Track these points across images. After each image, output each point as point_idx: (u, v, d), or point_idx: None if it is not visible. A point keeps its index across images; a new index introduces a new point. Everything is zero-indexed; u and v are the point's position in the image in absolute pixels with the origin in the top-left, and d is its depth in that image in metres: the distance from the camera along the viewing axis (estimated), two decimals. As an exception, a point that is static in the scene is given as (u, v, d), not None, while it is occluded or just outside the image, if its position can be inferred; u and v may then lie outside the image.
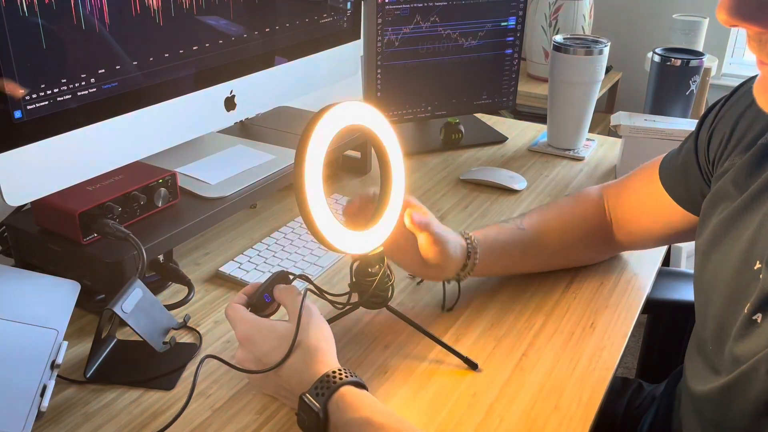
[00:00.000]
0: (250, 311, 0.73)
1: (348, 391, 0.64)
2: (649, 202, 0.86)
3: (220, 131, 1.14)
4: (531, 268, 0.92)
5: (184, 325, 0.81)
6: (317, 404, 0.62)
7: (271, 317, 0.75)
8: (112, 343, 0.78)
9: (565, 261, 0.93)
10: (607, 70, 2.47)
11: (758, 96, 0.50)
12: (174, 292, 0.90)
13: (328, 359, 0.67)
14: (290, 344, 0.67)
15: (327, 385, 0.64)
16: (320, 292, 0.78)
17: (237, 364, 0.70)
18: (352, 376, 0.65)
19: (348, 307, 0.80)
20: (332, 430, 0.63)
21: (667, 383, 0.91)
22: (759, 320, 0.58)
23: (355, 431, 0.62)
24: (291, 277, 0.77)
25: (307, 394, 0.64)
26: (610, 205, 0.91)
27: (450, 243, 0.80)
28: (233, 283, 0.92)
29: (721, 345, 0.63)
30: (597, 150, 1.40)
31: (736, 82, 0.75)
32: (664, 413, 0.86)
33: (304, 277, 0.77)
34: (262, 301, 0.74)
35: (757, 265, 0.60)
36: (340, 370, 0.65)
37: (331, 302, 0.79)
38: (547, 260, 0.92)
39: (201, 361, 0.69)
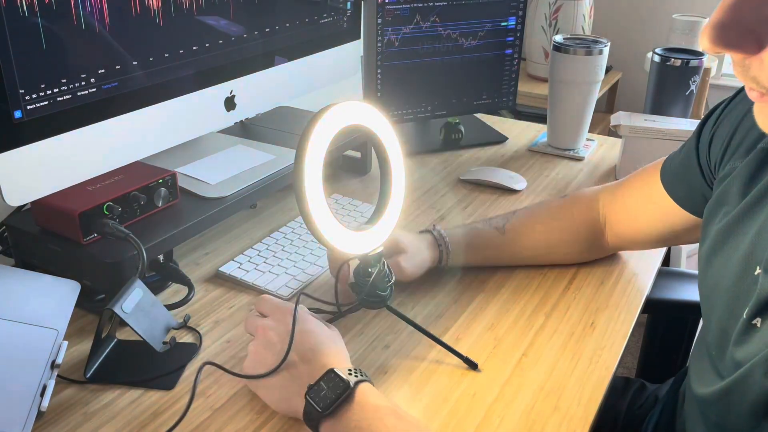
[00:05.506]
0: None
1: (372, 386, 0.66)
2: (648, 203, 0.86)
3: (220, 131, 1.14)
4: (508, 263, 0.95)
5: (184, 325, 0.81)
6: (349, 378, 0.64)
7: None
8: (112, 343, 0.78)
9: (547, 259, 0.96)
10: (607, 70, 2.47)
11: (758, 120, 0.50)
12: (174, 292, 0.90)
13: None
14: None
15: (362, 372, 0.66)
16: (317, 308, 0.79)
17: (251, 355, 0.71)
18: None
19: (348, 307, 0.80)
20: (347, 409, 0.63)
21: (672, 384, 0.91)
22: (758, 324, 0.58)
23: (378, 416, 0.62)
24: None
25: (340, 369, 0.65)
26: (604, 206, 0.92)
27: (410, 254, 0.86)
28: (233, 283, 0.92)
29: (724, 350, 0.63)
30: (597, 150, 1.40)
31: (736, 82, 0.75)
32: (668, 414, 0.85)
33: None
34: None
35: (757, 271, 0.60)
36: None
37: (334, 306, 0.79)
38: (527, 259, 0.95)
39: (200, 369, 0.70)
